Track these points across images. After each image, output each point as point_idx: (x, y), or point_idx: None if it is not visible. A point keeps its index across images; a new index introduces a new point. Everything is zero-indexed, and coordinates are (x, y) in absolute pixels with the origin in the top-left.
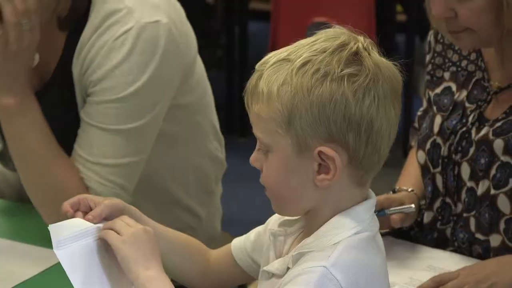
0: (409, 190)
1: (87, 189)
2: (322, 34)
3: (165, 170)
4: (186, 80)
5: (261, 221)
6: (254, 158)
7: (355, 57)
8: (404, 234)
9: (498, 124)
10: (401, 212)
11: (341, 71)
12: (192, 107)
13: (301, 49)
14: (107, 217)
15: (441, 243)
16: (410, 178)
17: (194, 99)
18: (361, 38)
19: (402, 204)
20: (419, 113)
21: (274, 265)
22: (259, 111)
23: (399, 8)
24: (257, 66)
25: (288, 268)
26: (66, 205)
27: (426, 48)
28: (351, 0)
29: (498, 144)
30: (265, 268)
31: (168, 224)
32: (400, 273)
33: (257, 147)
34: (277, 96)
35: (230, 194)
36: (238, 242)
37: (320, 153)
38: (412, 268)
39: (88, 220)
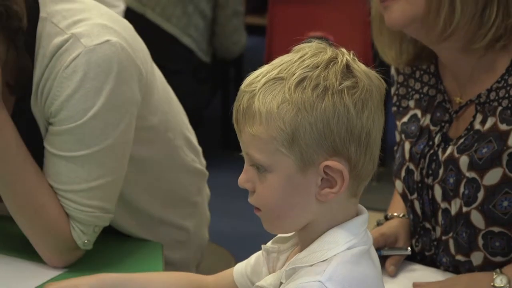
0: (401, 215)
1: (68, 217)
2: (305, 50)
3: (144, 193)
4: (151, 97)
5: (263, 235)
6: (244, 180)
7: (348, 70)
8: None
9: (461, 141)
10: (397, 254)
11: (340, 85)
12: (163, 125)
13: (292, 66)
14: None
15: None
16: (400, 203)
17: (162, 116)
18: (343, 50)
19: (396, 239)
20: (395, 148)
21: (267, 280)
22: (257, 132)
23: None
24: (244, 87)
25: (281, 283)
26: None
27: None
28: (347, 14)
29: (464, 161)
30: (258, 283)
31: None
32: None
33: (245, 168)
34: (278, 115)
35: (230, 210)
36: (239, 267)
37: (325, 167)
38: (404, 285)
39: None
